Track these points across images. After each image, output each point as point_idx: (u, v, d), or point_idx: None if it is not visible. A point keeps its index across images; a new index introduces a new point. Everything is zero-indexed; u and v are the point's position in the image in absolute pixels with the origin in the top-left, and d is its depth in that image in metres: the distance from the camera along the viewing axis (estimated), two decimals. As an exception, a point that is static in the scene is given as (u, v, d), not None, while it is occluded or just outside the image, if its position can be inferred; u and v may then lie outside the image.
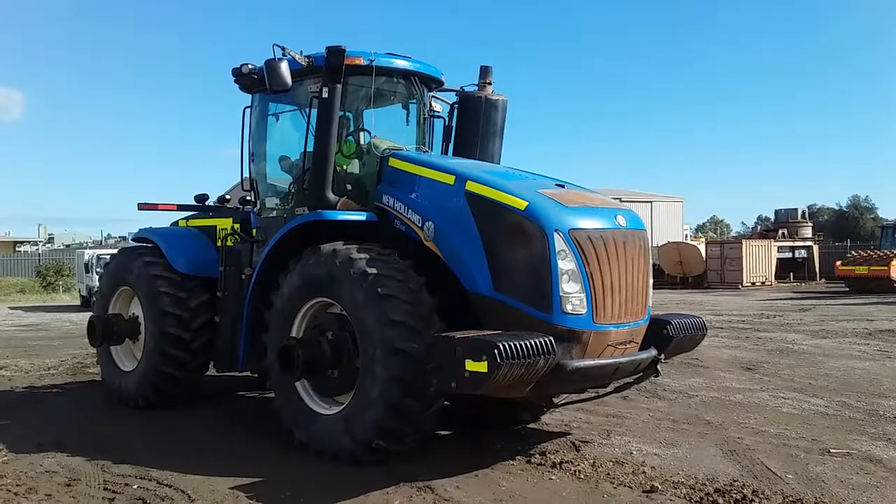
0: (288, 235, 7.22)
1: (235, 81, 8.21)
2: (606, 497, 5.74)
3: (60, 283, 40.48)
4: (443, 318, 6.35)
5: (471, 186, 6.56)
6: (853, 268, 34.22)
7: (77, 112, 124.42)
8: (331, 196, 7.42)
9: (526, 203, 6.19)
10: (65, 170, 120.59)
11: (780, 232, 43.41)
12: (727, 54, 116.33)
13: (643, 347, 6.62)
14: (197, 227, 9.30)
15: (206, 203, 9.67)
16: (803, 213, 48.90)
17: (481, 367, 5.40)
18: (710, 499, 5.63)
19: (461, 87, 8.39)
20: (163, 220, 10.27)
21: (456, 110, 8.39)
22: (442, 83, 8.37)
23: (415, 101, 8.20)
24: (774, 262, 41.12)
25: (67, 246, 62.93)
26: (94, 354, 14.02)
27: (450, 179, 6.80)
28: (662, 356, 6.70)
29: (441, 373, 5.77)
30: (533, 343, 5.54)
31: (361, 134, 8.27)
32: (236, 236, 8.35)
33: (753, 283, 39.18)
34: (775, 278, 40.84)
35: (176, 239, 9.06)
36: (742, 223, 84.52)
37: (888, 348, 14.18)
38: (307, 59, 7.49)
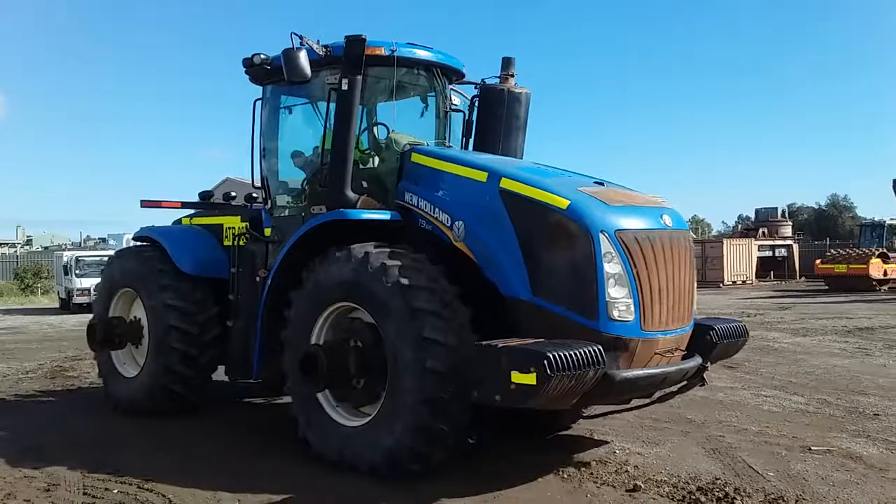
0: (306, 235, 6.69)
1: (246, 72, 7.63)
2: (590, 497, 5.62)
3: (39, 285, 39.55)
4: (473, 324, 5.83)
5: (506, 184, 6.04)
6: (832, 266, 34.35)
7: (55, 113, 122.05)
8: (350, 194, 6.87)
9: (568, 202, 5.69)
10: (43, 171, 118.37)
11: (761, 231, 43.47)
12: (706, 53, 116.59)
13: (686, 355, 6.15)
14: (201, 226, 8.71)
15: (212, 200, 9.12)
16: (783, 212, 49.03)
17: (529, 378, 4.92)
18: (693, 497, 5.55)
19: (482, 80, 7.88)
20: (156, 220, 9.73)
21: (477, 104, 7.90)
22: (463, 76, 7.83)
23: (435, 93, 7.64)
24: (755, 260, 41.13)
25: (46, 248, 61.56)
26: (72, 358, 13.84)
27: (482, 176, 6.28)
28: (708, 364, 6.28)
29: (483, 385, 5.25)
30: (583, 353, 5.06)
31: (377, 128, 7.75)
32: (248, 236, 7.75)
33: (734, 282, 39.17)
34: (756, 277, 40.86)
35: (180, 238, 8.46)
36: (723, 222, 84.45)
37: (867, 346, 14.15)
38: (325, 49, 6.94)
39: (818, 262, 35.68)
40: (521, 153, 7.80)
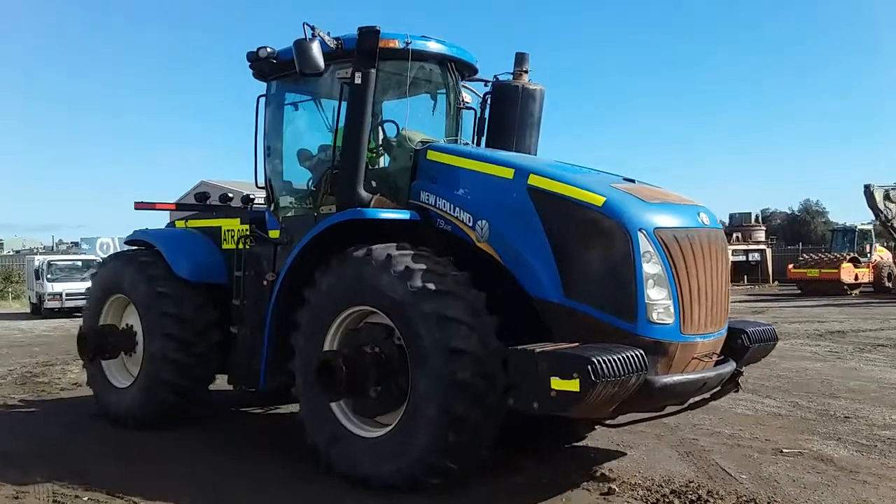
0: (318, 237, 6.33)
1: (250, 67, 7.29)
2: (564, 500, 5.57)
3: (10, 290, 38.64)
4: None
5: (535, 181, 5.73)
6: (805, 270, 34.65)
7: (26, 115, 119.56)
8: (363, 193, 6.52)
9: (604, 199, 5.39)
10: (14, 174, 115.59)
11: (735, 235, 43.58)
12: (682, 58, 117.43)
13: (721, 359, 5.85)
14: (197, 229, 8.29)
15: (208, 202, 8.71)
16: (757, 216, 49.26)
17: (571, 385, 4.63)
18: (667, 500, 5.53)
19: (494, 76, 7.58)
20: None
21: (489, 101, 7.59)
22: (476, 71, 7.50)
23: (448, 89, 7.32)
24: (729, 264, 41.22)
25: (17, 252, 60.05)
26: (43, 364, 13.40)
27: (508, 173, 5.96)
28: (742, 369, 6.02)
29: (519, 392, 4.95)
30: (627, 358, 4.78)
31: (385, 125, 7.39)
32: (252, 238, 7.35)
33: (709, 286, 39.15)
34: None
35: (177, 241, 8.05)
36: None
37: (839, 349, 14.19)
38: (336, 42, 6.60)
39: (791, 266, 35.96)
40: (534, 152, 7.50)
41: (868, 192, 32.06)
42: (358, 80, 6.47)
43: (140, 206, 8.51)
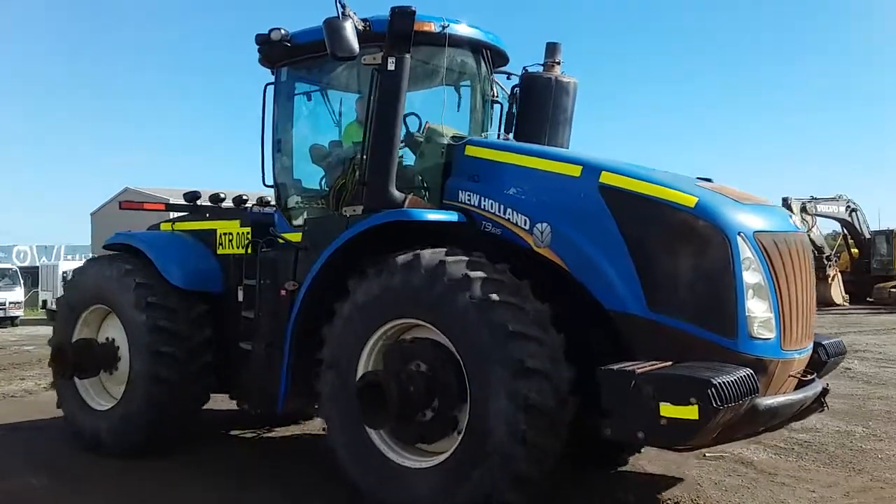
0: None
1: (259, 51, 6.44)
2: None
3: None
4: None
5: (608, 179, 5.03)
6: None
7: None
8: (396, 193, 5.74)
9: (696, 199, 4.72)
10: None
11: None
12: (639, 64, 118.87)
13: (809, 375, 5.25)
14: (188, 232, 7.38)
15: (199, 202, 7.78)
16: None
17: (688, 412, 3.97)
18: None
19: (524, 68, 6.88)
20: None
21: (517, 94, 6.87)
22: (507, 61, 6.78)
23: (480, 80, 6.59)
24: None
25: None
26: None
27: (573, 170, 5.25)
28: (828, 385, 5.44)
29: (617, 420, 4.27)
30: (742, 379, 4.14)
31: (406, 119, 6.63)
32: (263, 242, 6.43)
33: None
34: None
35: (167, 246, 7.13)
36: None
37: None
38: (364, 23, 5.83)
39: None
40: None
41: (786, 205, 32.43)
42: (391, 67, 5.68)
43: (126, 205, 7.61)
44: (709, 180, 5.35)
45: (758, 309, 4.62)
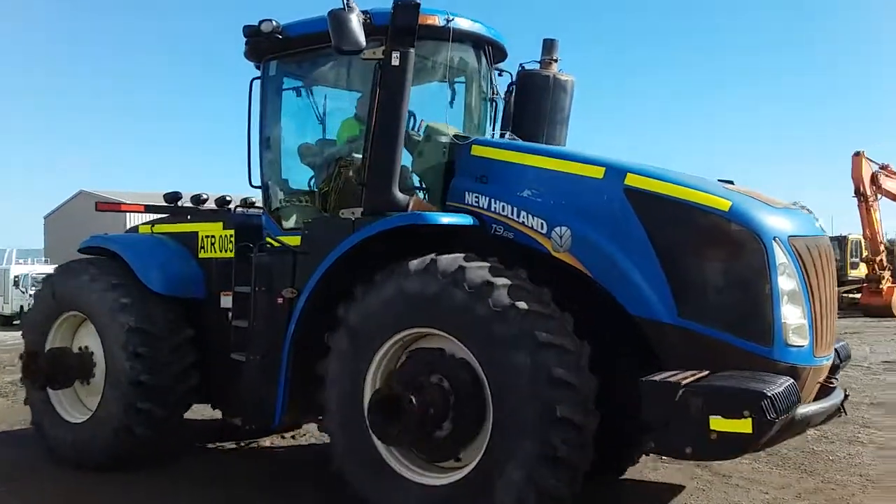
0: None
1: (247, 43, 6.06)
2: None
3: None
4: None
5: (634, 181, 4.80)
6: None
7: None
8: (399, 195, 5.44)
9: (729, 202, 4.53)
10: None
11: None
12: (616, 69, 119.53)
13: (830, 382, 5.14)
14: (167, 234, 6.94)
15: (180, 203, 7.31)
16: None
17: (741, 426, 3.79)
18: None
19: (520, 65, 6.63)
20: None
21: (513, 91, 6.62)
22: (506, 57, 6.56)
23: (480, 76, 6.32)
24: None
25: None
26: None
27: (596, 172, 5.01)
28: (848, 391, 5.35)
29: (663, 434, 4.08)
30: (788, 389, 3.99)
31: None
32: (252, 245, 5.98)
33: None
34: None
35: (146, 249, 6.71)
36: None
37: None
38: (365, 16, 5.50)
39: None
40: (564, 150, 6.62)
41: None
42: (395, 62, 5.37)
43: (103, 206, 7.09)
44: (730, 182, 5.20)
45: (792, 315, 4.48)
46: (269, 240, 5.98)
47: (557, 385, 4.32)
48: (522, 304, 4.46)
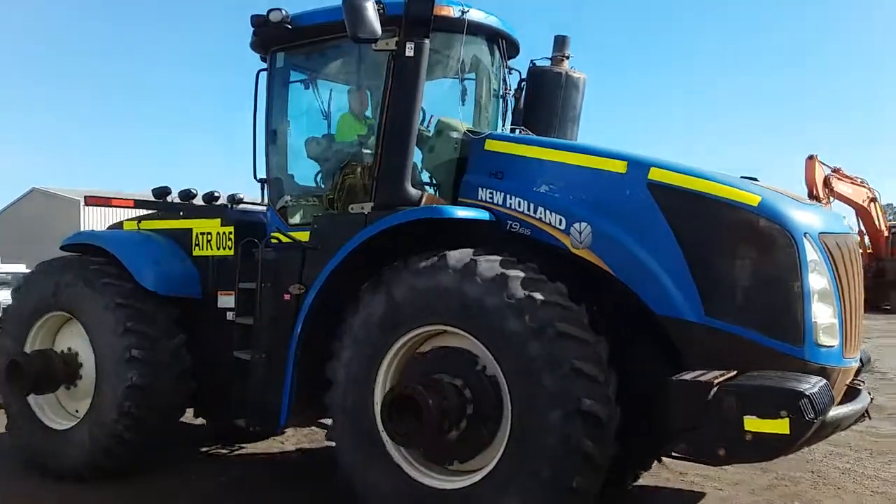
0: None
1: (254, 34, 5.88)
2: None
3: None
4: None
5: (658, 175, 4.65)
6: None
7: None
8: (411, 190, 5.28)
9: (759, 198, 4.40)
10: None
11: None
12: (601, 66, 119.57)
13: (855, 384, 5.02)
14: (158, 231, 6.70)
15: (169, 198, 7.07)
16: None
17: (778, 426, 3.65)
18: None
19: (531, 61, 6.49)
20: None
21: (524, 88, 6.45)
22: (519, 52, 6.42)
23: (494, 70, 6.18)
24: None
25: None
26: None
27: (618, 166, 4.86)
28: (872, 394, 5.22)
29: (695, 435, 3.91)
30: (823, 389, 3.85)
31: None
32: (258, 242, 5.78)
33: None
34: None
35: (137, 246, 6.43)
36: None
37: None
38: (379, 6, 5.33)
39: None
40: (575, 149, 6.47)
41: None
42: (410, 53, 5.22)
43: (91, 200, 6.87)
44: (754, 179, 5.06)
45: (823, 315, 4.35)
46: (276, 235, 5.77)
47: (579, 377, 4.17)
48: (539, 295, 4.31)
